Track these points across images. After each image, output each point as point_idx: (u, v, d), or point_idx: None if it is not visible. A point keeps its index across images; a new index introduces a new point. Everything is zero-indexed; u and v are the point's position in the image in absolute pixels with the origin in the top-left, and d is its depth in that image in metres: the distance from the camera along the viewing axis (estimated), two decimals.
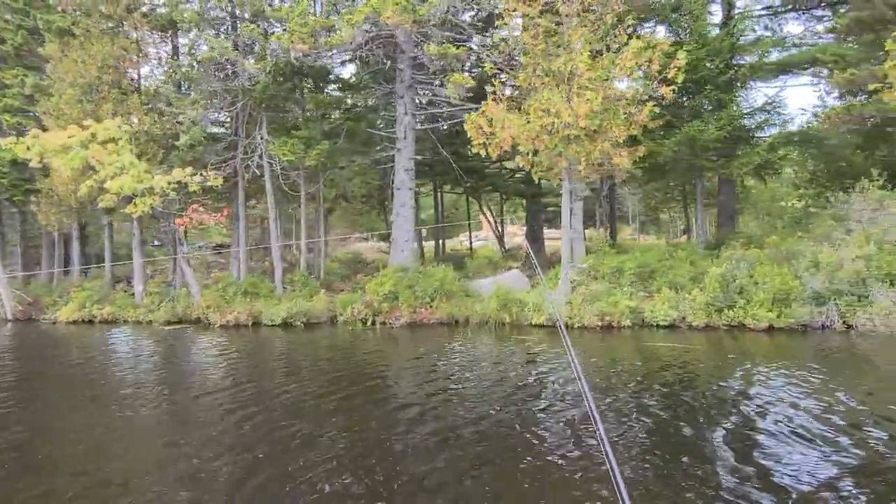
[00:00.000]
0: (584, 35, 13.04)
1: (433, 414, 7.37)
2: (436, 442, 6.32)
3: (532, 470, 5.46)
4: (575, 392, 7.99)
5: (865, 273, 11.63)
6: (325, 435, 6.66)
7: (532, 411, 7.32)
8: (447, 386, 8.93)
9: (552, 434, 6.45)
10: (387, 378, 9.94)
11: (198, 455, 6.17)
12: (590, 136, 12.94)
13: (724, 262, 13.29)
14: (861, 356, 9.86)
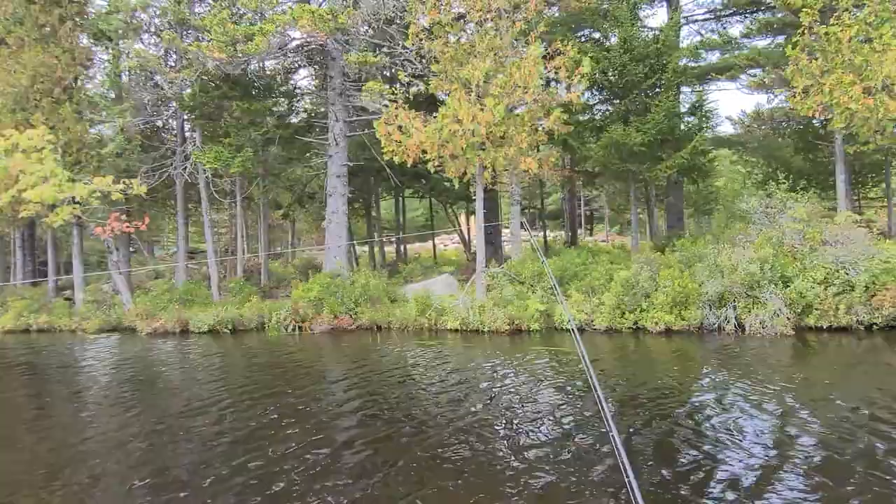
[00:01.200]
0: (489, 42, 13.21)
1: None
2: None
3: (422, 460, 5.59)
4: (470, 391, 8.13)
5: (760, 275, 11.81)
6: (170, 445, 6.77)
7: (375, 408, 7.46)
8: (325, 388, 9.07)
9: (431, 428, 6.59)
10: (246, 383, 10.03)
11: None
12: (495, 142, 13.10)
13: (632, 266, 13.46)
14: (729, 356, 10.03)
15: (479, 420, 7.10)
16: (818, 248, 12.16)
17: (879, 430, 6.02)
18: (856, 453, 5.46)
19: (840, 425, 6.24)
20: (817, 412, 6.76)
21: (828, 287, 11.44)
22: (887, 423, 6.19)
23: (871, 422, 6.28)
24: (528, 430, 6.68)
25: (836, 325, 11.18)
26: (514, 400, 8.01)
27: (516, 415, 7.33)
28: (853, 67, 12.44)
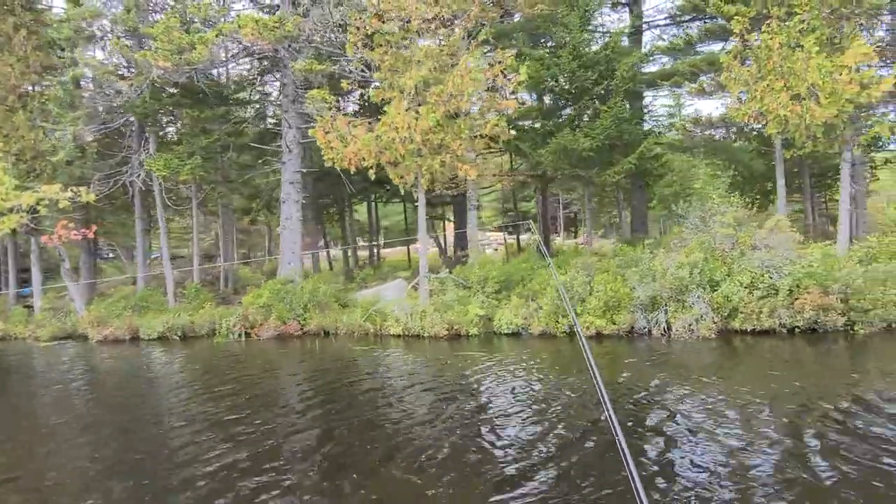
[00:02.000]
0: (426, 51, 13.37)
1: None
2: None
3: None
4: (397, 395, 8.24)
5: (688, 280, 11.97)
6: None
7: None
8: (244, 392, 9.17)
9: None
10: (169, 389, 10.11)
11: None
12: (432, 150, 13.24)
13: (570, 270, 13.61)
14: (649, 359, 10.17)
15: (383, 422, 7.22)
16: (747, 252, 12.33)
17: (784, 425, 6.24)
18: (765, 446, 5.68)
19: (748, 423, 6.42)
20: (726, 410, 6.93)
21: (753, 291, 11.62)
22: (792, 419, 6.43)
23: (779, 418, 6.52)
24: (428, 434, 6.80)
25: (759, 328, 11.34)
26: (414, 403, 8.13)
27: (415, 417, 7.45)
28: (783, 74, 12.65)
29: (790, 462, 5.42)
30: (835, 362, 9.68)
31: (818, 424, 6.32)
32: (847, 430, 6.13)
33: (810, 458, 5.44)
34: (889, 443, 5.67)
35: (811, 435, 6.03)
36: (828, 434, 6.01)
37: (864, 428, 6.14)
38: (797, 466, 5.29)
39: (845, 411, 6.70)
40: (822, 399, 7.19)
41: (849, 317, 11.06)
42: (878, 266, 12.01)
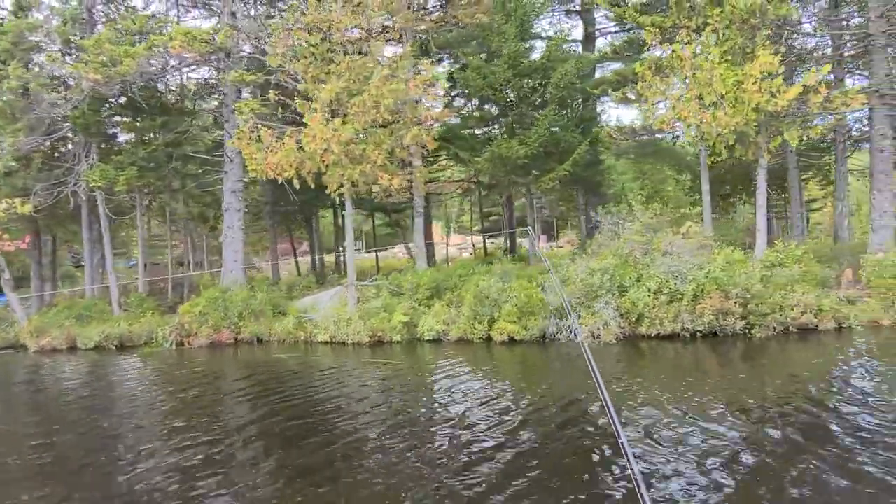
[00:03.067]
0: (350, 63, 13.59)
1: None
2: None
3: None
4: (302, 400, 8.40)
5: (598, 286, 12.20)
6: None
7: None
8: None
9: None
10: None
11: None
12: (354, 159, 13.45)
13: (491, 276, 13.82)
14: (548, 363, 10.39)
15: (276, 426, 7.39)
16: (657, 258, 12.57)
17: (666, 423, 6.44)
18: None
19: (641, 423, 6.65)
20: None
21: (659, 296, 11.85)
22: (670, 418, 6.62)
23: (667, 417, 6.75)
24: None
25: (664, 332, 11.57)
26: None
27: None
28: (694, 84, 12.95)
29: (660, 459, 5.63)
30: (719, 364, 9.89)
31: (692, 426, 6.53)
32: (711, 432, 6.35)
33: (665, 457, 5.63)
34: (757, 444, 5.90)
35: (680, 433, 6.24)
36: (687, 436, 6.23)
37: (730, 431, 6.35)
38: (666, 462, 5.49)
39: (715, 415, 6.91)
40: (693, 402, 7.41)
41: (748, 320, 11.32)
42: (784, 270, 12.30)
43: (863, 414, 6.58)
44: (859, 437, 5.91)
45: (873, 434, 5.95)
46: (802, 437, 6.03)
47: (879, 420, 6.33)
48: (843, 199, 18.61)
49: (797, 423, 6.42)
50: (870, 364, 8.93)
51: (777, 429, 6.31)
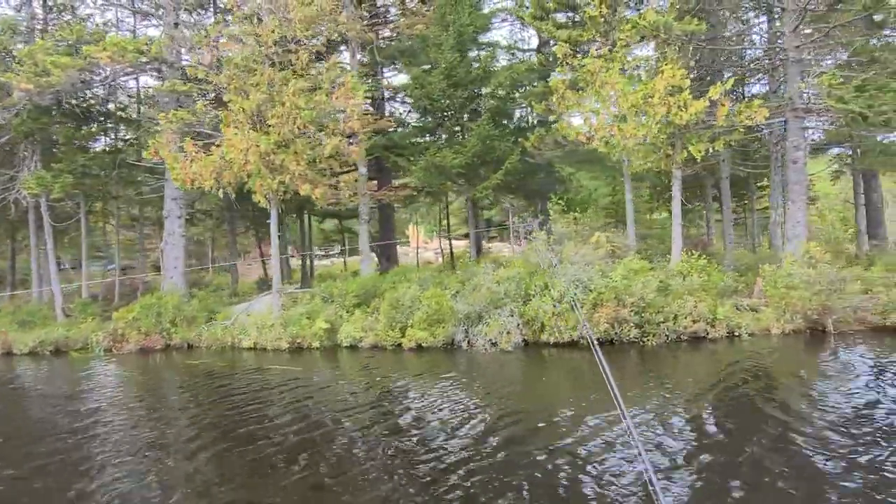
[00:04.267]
0: (272, 74, 13.89)
1: None
2: None
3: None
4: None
5: (503, 294, 12.52)
6: None
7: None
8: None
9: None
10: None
11: None
12: (275, 169, 13.74)
13: (407, 284, 14.11)
14: (446, 369, 10.68)
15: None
16: (561, 268, 12.89)
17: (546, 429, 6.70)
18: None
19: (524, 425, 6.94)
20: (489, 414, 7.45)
21: (561, 304, 12.17)
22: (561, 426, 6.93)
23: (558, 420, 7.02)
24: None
25: (562, 340, 11.89)
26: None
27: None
28: (599, 97, 13.32)
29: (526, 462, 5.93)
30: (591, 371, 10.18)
31: (566, 431, 6.84)
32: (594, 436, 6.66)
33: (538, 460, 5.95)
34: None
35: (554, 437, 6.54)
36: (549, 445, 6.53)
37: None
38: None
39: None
40: (561, 410, 7.72)
41: (643, 329, 11.65)
42: (688, 279, 12.65)
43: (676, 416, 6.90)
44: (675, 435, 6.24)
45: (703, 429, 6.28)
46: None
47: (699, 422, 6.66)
48: (776, 209, 19.01)
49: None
50: (729, 370, 9.27)
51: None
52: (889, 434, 6.10)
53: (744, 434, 6.43)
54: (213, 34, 13.88)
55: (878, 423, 6.48)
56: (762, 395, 7.83)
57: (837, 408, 7.06)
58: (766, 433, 6.40)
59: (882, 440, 5.94)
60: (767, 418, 6.88)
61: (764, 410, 7.18)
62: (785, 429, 6.50)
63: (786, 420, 6.79)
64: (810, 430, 6.37)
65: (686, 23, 13.54)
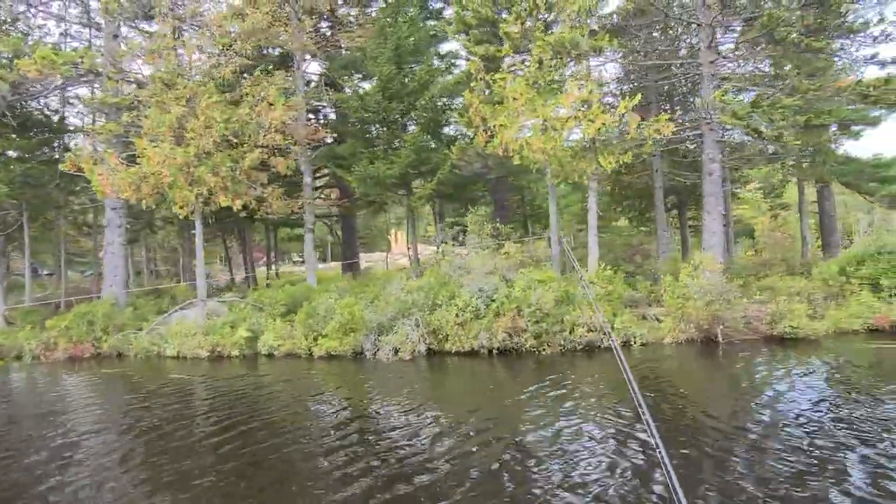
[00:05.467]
0: (193, 88, 14.19)
1: None
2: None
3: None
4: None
5: (410, 304, 12.80)
6: None
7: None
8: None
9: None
10: None
11: None
12: (195, 181, 14.01)
13: (329, 293, 14.38)
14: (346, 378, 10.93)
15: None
16: (470, 278, 13.18)
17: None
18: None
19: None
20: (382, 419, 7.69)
21: (464, 314, 12.44)
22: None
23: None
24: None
25: (463, 349, 12.16)
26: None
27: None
28: (507, 111, 13.65)
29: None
30: (473, 379, 10.46)
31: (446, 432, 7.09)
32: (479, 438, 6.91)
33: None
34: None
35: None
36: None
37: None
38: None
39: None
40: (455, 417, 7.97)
41: (541, 338, 11.93)
42: (594, 289, 12.93)
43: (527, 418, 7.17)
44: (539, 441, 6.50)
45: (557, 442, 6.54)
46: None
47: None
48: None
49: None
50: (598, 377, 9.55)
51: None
52: (698, 432, 6.37)
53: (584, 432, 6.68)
54: (136, 48, 14.15)
55: (703, 425, 6.74)
56: (606, 400, 8.09)
57: (673, 410, 7.33)
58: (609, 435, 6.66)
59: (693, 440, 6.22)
60: (610, 421, 7.13)
61: (606, 416, 7.43)
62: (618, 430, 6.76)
63: (621, 422, 7.05)
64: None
65: (599, 39, 13.94)
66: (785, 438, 6.31)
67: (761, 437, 6.39)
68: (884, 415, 6.88)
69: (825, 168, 20.38)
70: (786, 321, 11.50)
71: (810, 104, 13.64)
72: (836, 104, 13.36)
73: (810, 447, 6.00)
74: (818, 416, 7.00)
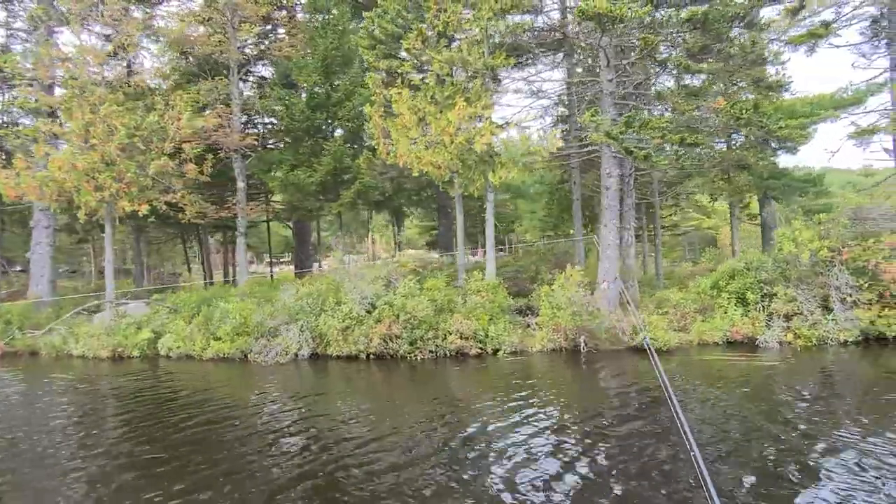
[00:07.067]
0: (101, 95, 14.65)
1: None
2: None
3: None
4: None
5: (297, 309, 13.29)
6: None
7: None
8: None
9: None
10: None
11: None
12: (99, 188, 14.47)
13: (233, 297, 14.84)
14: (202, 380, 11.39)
15: None
16: (355, 285, 13.66)
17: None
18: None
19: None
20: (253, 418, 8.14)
21: (348, 320, 12.93)
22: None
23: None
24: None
25: (344, 353, 12.65)
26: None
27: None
28: (395, 126, 14.19)
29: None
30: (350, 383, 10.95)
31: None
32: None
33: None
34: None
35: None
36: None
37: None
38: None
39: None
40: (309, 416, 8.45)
41: (415, 345, 12.44)
42: (472, 299, 13.46)
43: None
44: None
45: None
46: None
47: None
48: (628, 229, 19.92)
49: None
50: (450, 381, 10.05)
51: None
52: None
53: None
54: (46, 55, 14.61)
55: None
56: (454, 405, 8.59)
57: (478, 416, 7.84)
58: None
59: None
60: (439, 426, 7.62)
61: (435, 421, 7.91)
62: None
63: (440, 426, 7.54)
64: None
65: (496, 57, 14.51)
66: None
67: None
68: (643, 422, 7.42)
69: (753, 182, 21.06)
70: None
71: (689, 123, 14.23)
72: (711, 124, 13.94)
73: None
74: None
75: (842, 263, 12.46)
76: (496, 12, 14.45)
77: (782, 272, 13.04)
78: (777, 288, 12.75)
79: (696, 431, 6.89)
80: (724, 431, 6.95)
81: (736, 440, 6.64)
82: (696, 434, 6.80)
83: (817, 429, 6.95)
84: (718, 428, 7.08)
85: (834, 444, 6.35)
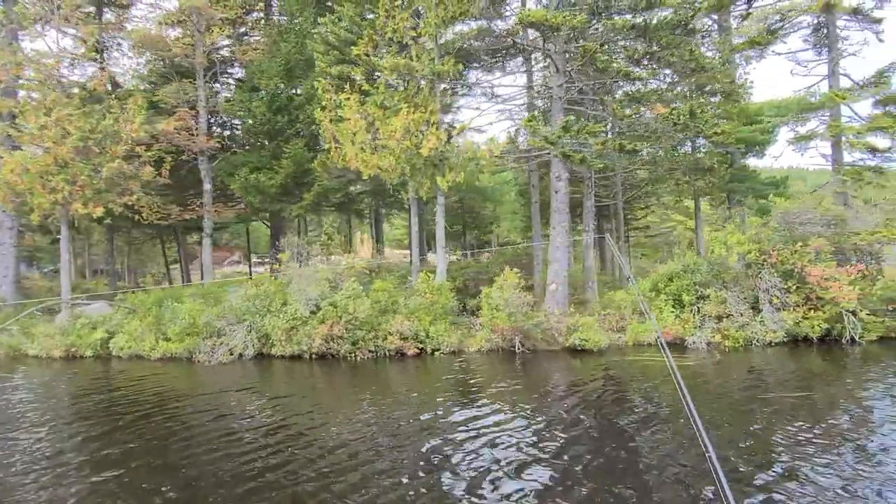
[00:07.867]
0: (56, 98, 14.89)
1: None
2: None
3: None
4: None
5: (244, 310, 13.56)
6: None
7: None
8: None
9: None
10: None
11: None
12: (52, 190, 14.71)
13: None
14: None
15: None
16: (301, 286, 13.94)
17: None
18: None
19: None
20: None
21: (293, 321, 13.19)
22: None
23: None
24: None
25: (289, 353, 12.93)
26: None
27: None
28: (341, 131, 14.50)
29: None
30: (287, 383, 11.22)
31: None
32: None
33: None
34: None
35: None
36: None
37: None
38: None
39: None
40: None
41: (357, 345, 12.73)
42: (415, 300, 13.76)
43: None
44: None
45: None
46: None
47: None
48: (588, 231, 20.26)
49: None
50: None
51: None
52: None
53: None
54: (8, 60, 14.83)
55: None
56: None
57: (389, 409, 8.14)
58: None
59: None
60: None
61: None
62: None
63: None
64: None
65: (444, 64, 14.82)
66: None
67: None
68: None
69: (716, 184, 21.40)
70: (577, 334, 12.38)
71: (632, 129, 14.59)
72: (653, 130, 14.27)
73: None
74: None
75: (771, 266, 12.82)
76: (445, 20, 14.79)
77: (716, 274, 13.39)
78: (710, 290, 13.10)
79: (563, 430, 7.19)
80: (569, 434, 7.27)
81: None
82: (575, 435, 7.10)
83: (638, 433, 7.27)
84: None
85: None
